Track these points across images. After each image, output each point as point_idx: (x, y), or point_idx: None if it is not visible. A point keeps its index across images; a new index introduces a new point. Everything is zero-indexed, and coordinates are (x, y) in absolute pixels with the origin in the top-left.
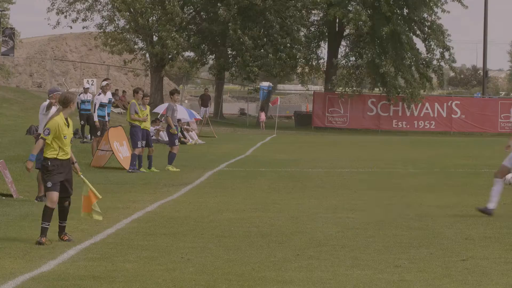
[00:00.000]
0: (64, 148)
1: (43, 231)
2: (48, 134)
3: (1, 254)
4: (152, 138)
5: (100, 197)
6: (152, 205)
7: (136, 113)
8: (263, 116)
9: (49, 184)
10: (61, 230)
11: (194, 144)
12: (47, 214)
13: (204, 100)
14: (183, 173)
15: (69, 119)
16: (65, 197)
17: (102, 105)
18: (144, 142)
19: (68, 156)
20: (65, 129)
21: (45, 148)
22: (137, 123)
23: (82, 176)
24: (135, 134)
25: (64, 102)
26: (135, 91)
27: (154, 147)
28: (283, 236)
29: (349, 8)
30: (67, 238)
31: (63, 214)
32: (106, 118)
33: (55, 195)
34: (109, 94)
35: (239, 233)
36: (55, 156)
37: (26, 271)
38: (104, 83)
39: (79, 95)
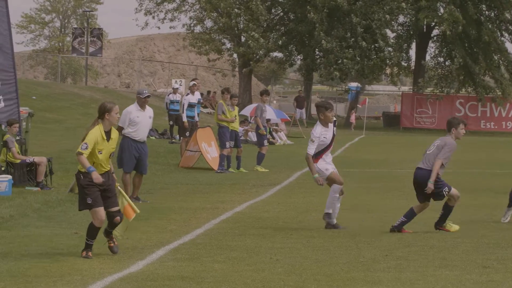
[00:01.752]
0: (100, 164)
1: (87, 247)
2: (86, 148)
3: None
4: (241, 138)
5: (138, 211)
6: (241, 206)
7: (224, 113)
8: (353, 116)
9: (89, 200)
10: (107, 234)
11: (282, 144)
12: (92, 231)
13: (299, 102)
14: (271, 174)
15: (113, 132)
16: (114, 211)
17: (190, 105)
18: (232, 143)
19: (106, 169)
20: (102, 144)
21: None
22: (225, 123)
23: (119, 187)
24: (223, 135)
25: (99, 113)
26: (223, 92)
27: (242, 148)
28: (371, 236)
29: (439, 10)
30: (112, 243)
31: (112, 226)
32: (196, 119)
33: (101, 211)
34: (197, 94)
35: (328, 233)
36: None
37: (114, 271)
38: (192, 83)
39: (168, 96)
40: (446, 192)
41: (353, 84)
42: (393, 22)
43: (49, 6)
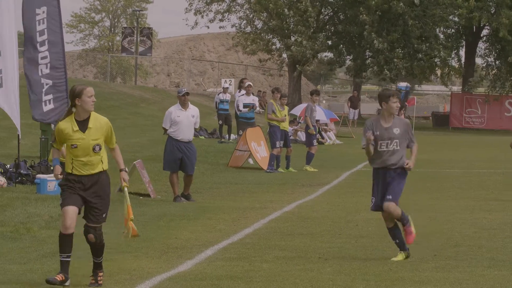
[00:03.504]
0: (80, 162)
1: (62, 267)
2: (54, 141)
3: (138, 254)
4: (290, 138)
5: (132, 217)
6: (290, 205)
7: (274, 112)
8: (402, 116)
9: (60, 201)
10: (95, 266)
11: (332, 144)
12: (60, 241)
13: (353, 102)
14: (320, 173)
15: (94, 120)
16: (90, 227)
17: (245, 106)
18: (282, 142)
19: (93, 171)
20: (74, 135)
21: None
22: (275, 123)
23: (126, 189)
24: (273, 135)
25: (71, 100)
26: (273, 91)
27: (292, 147)
28: (420, 236)
29: (491, 11)
30: (93, 281)
31: (93, 250)
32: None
33: (66, 213)
34: (254, 99)
35: (377, 233)
36: (69, 171)
37: (163, 271)
38: (247, 83)
39: (217, 95)
40: None
41: (403, 84)
42: (447, 21)
43: (99, 5)
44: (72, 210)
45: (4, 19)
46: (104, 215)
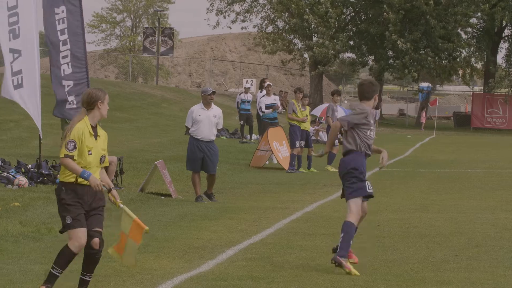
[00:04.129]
0: (89, 169)
1: (49, 279)
2: (74, 148)
3: (160, 254)
4: (312, 138)
5: (147, 228)
6: (311, 205)
7: (294, 112)
8: (423, 116)
9: (68, 220)
10: (82, 284)
11: None
12: (64, 257)
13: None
14: None
15: (100, 129)
16: (96, 231)
17: (267, 107)
18: (303, 142)
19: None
20: (90, 141)
21: (62, 169)
22: (295, 123)
23: (122, 205)
24: (294, 134)
25: (89, 103)
26: (295, 91)
27: (313, 147)
28: (441, 236)
29: None
30: None
31: (89, 262)
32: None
33: (81, 232)
34: (275, 98)
35: (398, 233)
36: (73, 180)
37: (184, 271)
38: (266, 83)
39: (239, 95)
40: None
41: (424, 84)
42: (469, 18)
43: (121, 5)
44: (84, 231)
45: (25, 19)
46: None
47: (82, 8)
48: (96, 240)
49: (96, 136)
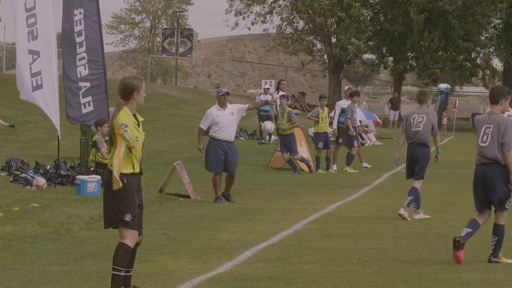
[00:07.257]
0: (136, 159)
1: (115, 281)
2: (127, 126)
3: (178, 255)
4: (330, 139)
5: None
6: (330, 206)
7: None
8: (444, 118)
9: (127, 217)
10: (127, 280)
11: (372, 145)
12: (124, 256)
13: (393, 104)
14: (360, 175)
15: (138, 116)
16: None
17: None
18: (322, 144)
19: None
20: (135, 130)
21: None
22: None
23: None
24: (293, 141)
25: (125, 92)
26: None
27: (332, 149)
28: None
29: None
30: None
31: (132, 257)
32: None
33: (136, 235)
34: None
35: (417, 234)
36: (131, 170)
37: (203, 272)
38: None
39: (258, 96)
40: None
41: (443, 86)
42: (489, 18)
43: (139, 6)
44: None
45: (43, 21)
46: None
47: (99, 9)
48: (140, 238)
49: (138, 124)
